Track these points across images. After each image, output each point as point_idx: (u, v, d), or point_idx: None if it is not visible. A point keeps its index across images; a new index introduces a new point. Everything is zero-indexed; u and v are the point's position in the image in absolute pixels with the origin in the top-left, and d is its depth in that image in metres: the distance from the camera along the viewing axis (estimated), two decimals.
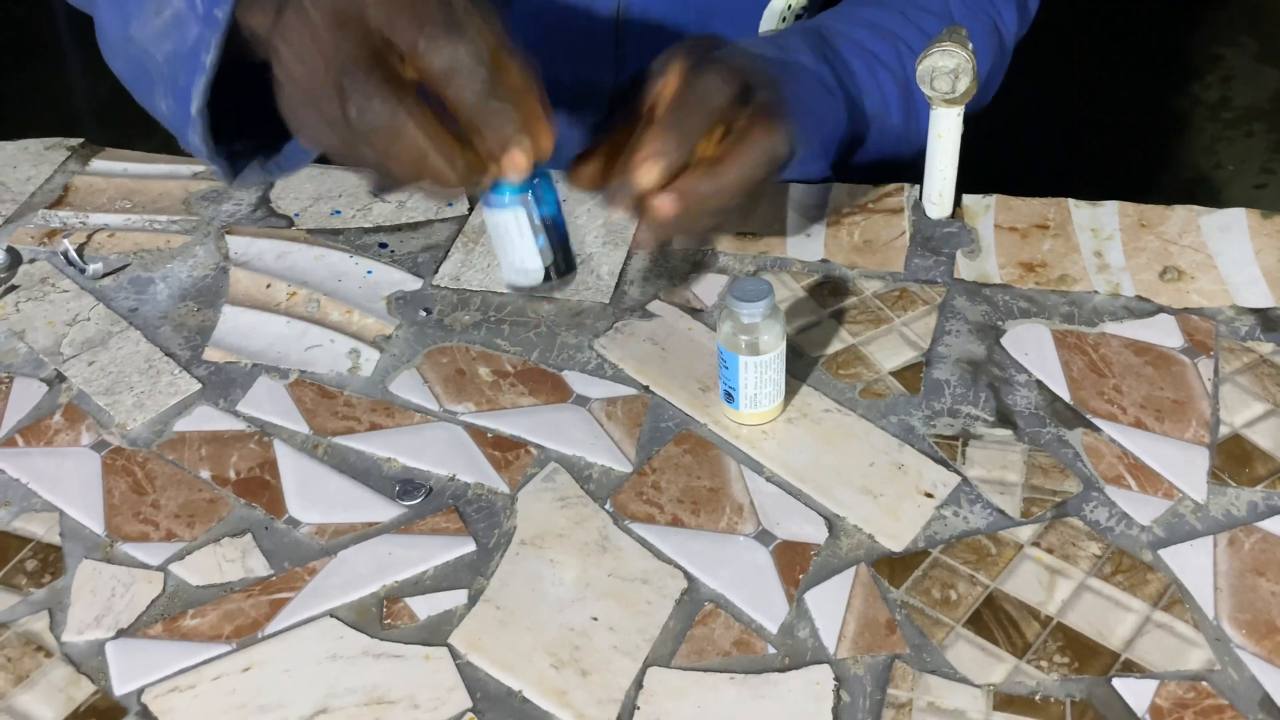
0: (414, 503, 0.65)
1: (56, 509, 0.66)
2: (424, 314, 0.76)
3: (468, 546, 0.63)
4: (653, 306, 0.76)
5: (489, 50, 0.54)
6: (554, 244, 0.61)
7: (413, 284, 0.78)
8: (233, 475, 0.67)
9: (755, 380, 0.66)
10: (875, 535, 0.63)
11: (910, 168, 0.85)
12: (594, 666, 0.58)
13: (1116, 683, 0.57)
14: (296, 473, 0.67)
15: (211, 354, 0.74)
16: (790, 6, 0.88)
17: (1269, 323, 0.73)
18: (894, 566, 0.62)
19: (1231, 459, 0.66)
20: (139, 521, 0.65)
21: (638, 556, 0.62)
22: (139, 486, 0.67)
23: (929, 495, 0.65)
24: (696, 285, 0.77)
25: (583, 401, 0.70)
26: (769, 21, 0.88)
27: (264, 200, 0.85)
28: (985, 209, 0.82)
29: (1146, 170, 2.17)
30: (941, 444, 0.67)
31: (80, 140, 0.91)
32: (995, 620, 0.59)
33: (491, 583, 0.62)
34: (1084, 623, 0.59)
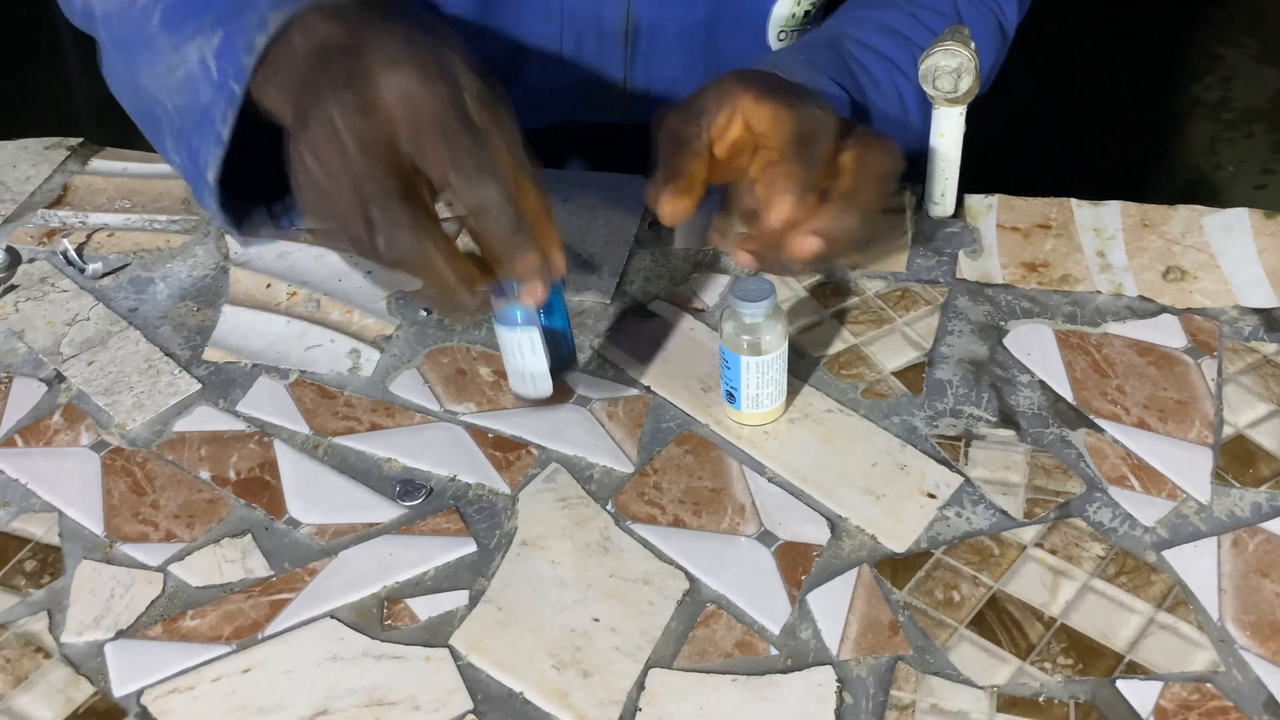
0: (415, 503, 0.65)
1: (56, 509, 0.66)
2: (424, 314, 0.76)
3: (469, 547, 0.63)
4: (654, 307, 0.76)
5: (514, 182, 0.56)
6: (562, 353, 0.64)
7: (413, 284, 0.78)
8: (233, 475, 0.67)
9: (757, 380, 0.66)
10: (878, 536, 0.63)
11: (912, 168, 0.85)
12: (595, 668, 0.58)
13: (1120, 684, 0.56)
14: (297, 473, 0.67)
15: (211, 354, 0.74)
16: (798, 3, 0.88)
17: (1272, 323, 0.73)
18: (896, 567, 0.61)
19: (1235, 460, 0.66)
20: (138, 522, 0.65)
21: (639, 557, 0.62)
22: (138, 487, 0.67)
23: (931, 496, 0.64)
24: (698, 285, 0.77)
25: (584, 402, 0.70)
26: (776, 23, 0.88)
27: None
28: (987, 209, 0.82)
29: (1147, 171, 2.17)
30: (944, 444, 0.67)
31: (80, 140, 0.91)
32: (998, 621, 0.59)
33: (492, 583, 0.61)
34: (1088, 624, 0.59)
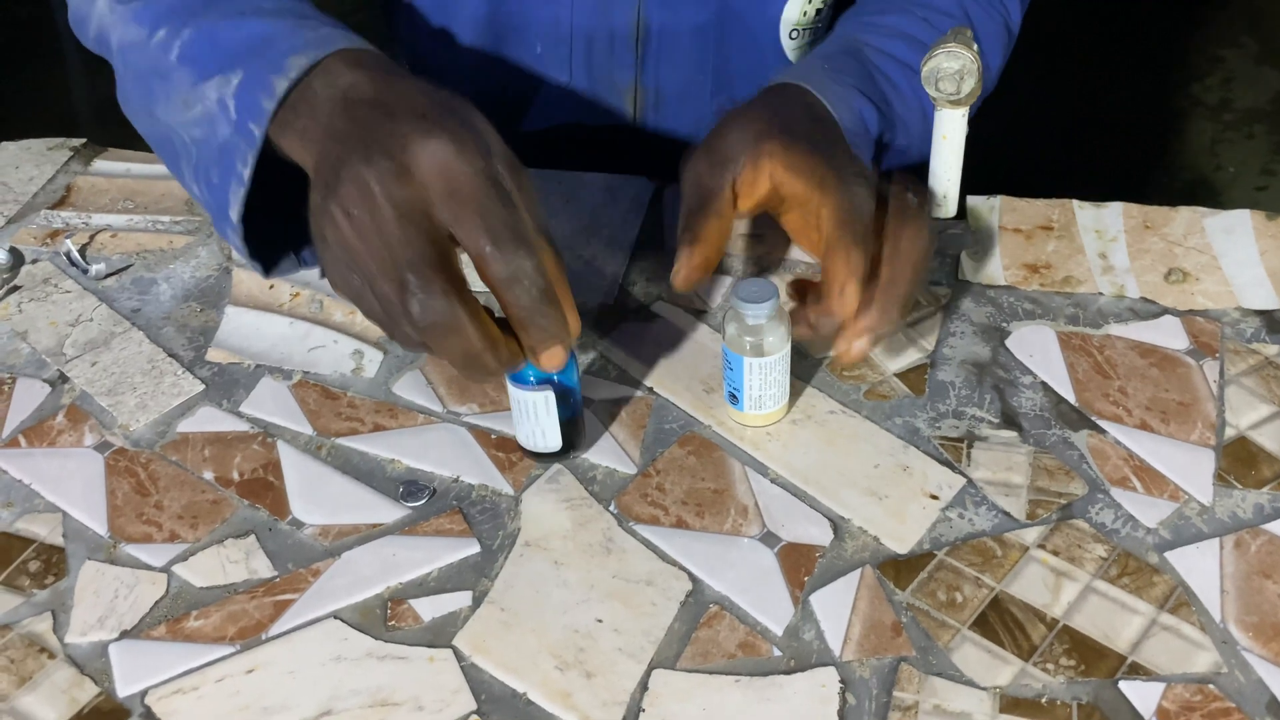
0: (418, 504, 0.65)
1: (59, 510, 0.66)
2: None
3: (472, 548, 0.63)
4: (657, 308, 0.76)
5: (545, 254, 0.57)
6: (572, 408, 0.65)
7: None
8: (236, 476, 0.67)
9: (760, 382, 0.66)
10: (880, 537, 0.63)
11: (911, 166, 0.85)
12: (599, 668, 0.58)
13: (1123, 685, 0.56)
14: (300, 474, 0.67)
15: (214, 355, 0.74)
16: (810, 1, 0.88)
17: (1274, 324, 0.73)
18: (899, 568, 0.61)
19: (1237, 461, 0.66)
20: (142, 523, 0.65)
21: (642, 558, 0.62)
22: (142, 487, 0.67)
23: (934, 497, 0.65)
24: (701, 287, 0.77)
25: (587, 403, 0.70)
26: (787, 23, 0.88)
27: None
28: (990, 210, 0.82)
29: (1147, 172, 2.17)
30: (946, 446, 0.67)
31: (83, 140, 0.91)
32: (1001, 622, 0.59)
33: (496, 584, 0.61)
34: (1090, 625, 0.59)
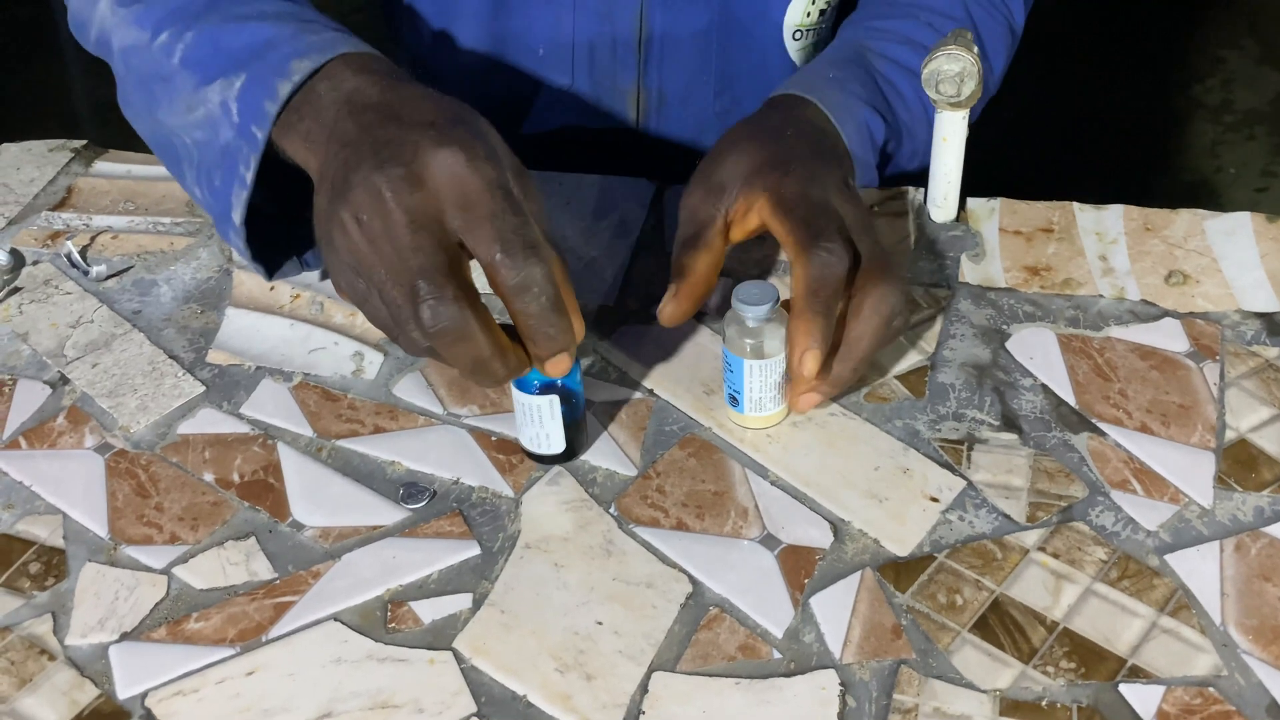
0: (418, 506, 0.65)
1: (60, 512, 0.66)
2: None
3: (472, 550, 0.63)
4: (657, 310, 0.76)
5: (554, 262, 0.57)
6: (575, 412, 0.65)
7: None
8: (236, 478, 0.67)
9: (760, 384, 0.66)
10: (880, 539, 0.63)
11: (915, 171, 0.85)
12: (599, 671, 0.58)
13: (1123, 688, 0.56)
14: (300, 476, 0.67)
15: (215, 356, 0.74)
16: (813, 2, 0.88)
17: (1274, 327, 0.73)
18: (899, 571, 0.61)
19: (1238, 464, 0.66)
20: (142, 524, 0.65)
21: (642, 560, 0.62)
22: (142, 489, 0.67)
23: (934, 499, 0.65)
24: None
25: (587, 405, 0.70)
26: (790, 26, 0.89)
27: None
28: (990, 212, 0.82)
29: (1147, 173, 2.17)
30: (947, 448, 0.67)
31: (84, 142, 0.91)
32: (1001, 625, 0.59)
33: (496, 586, 0.61)
34: (1090, 628, 0.59)
